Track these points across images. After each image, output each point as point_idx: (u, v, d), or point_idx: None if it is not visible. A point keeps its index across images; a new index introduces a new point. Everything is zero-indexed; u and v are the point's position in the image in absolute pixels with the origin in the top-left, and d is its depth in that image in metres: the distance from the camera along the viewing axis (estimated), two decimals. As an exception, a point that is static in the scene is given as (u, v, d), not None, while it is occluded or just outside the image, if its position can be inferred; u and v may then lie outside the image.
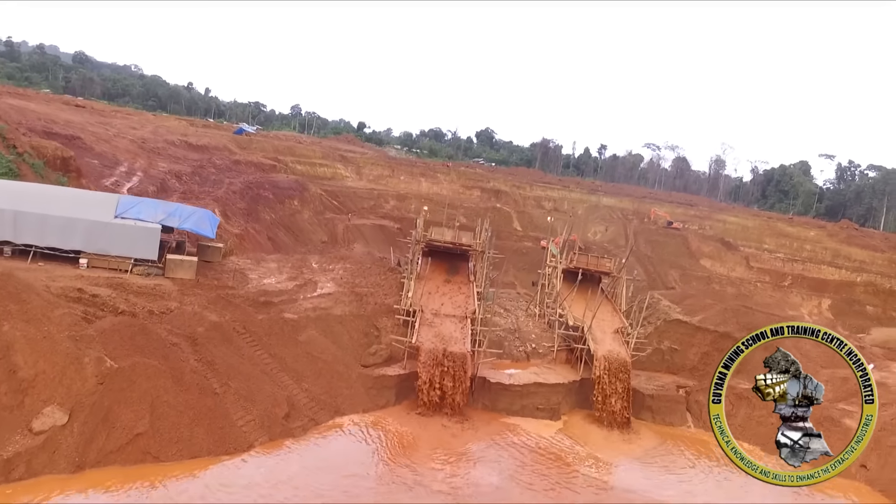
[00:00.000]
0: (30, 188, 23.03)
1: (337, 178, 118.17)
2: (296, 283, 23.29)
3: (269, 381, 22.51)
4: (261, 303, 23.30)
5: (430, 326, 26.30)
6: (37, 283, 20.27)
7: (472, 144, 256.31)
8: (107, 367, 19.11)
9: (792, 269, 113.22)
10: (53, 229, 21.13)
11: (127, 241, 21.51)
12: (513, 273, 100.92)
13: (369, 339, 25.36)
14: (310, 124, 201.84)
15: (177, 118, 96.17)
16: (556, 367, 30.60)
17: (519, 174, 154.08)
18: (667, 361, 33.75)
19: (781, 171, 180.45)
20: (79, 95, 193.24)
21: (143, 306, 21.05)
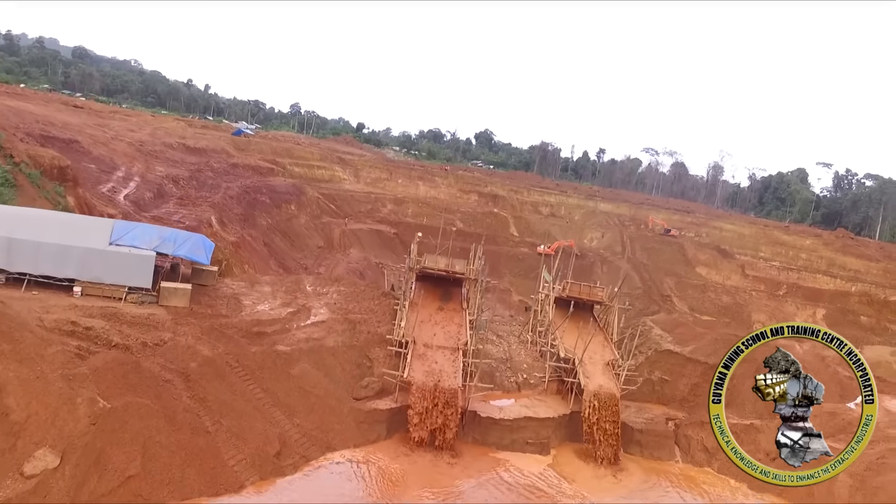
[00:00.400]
0: (23, 213, 22.92)
1: (335, 181, 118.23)
2: (289, 311, 23.34)
3: (261, 417, 22.54)
4: (254, 333, 23.30)
5: (422, 359, 26.27)
6: (30, 315, 20.21)
7: (471, 146, 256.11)
8: (99, 407, 19.12)
9: (787, 278, 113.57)
10: (48, 257, 21.09)
11: (121, 270, 21.52)
12: (508, 279, 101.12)
13: (362, 370, 25.30)
14: (309, 124, 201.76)
15: (175, 119, 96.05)
16: (546, 399, 30.61)
17: (517, 178, 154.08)
18: (657, 392, 33.74)
19: (779, 178, 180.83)
20: (78, 91, 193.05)
21: (137, 338, 21.10)
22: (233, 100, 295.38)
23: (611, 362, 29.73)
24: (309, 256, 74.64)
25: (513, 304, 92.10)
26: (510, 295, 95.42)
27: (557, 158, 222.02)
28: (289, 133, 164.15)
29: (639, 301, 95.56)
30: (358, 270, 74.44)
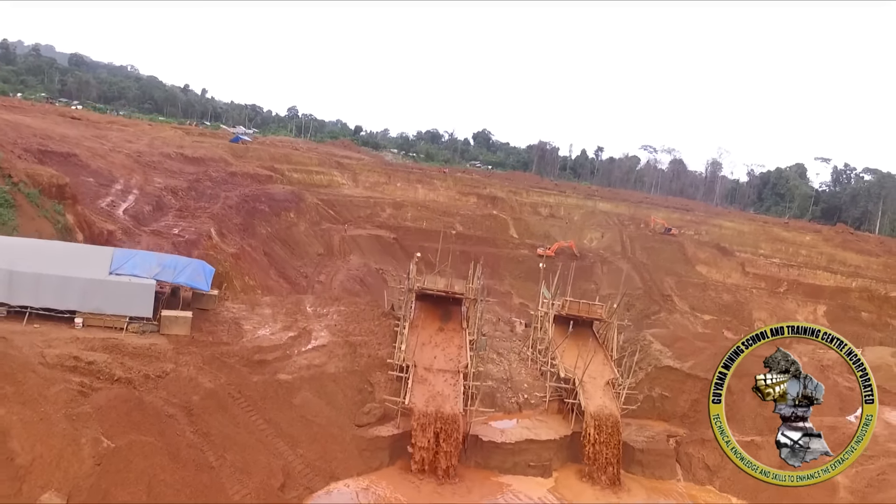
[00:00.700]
0: (23, 244, 22.83)
1: (333, 186, 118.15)
2: (290, 335, 23.33)
3: (265, 449, 22.47)
4: (255, 361, 23.21)
5: (423, 384, 26.21)
6: (32, 351, 20.15)
7: (469, 146, 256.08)
8: (103, 447, 19.11)
9: (787, 275, 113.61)
10: (48, 289, 21.07)
11: (122, 299, 21.52)
12: (509, 281, 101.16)
13: (363, 395, 25.24)
14: (306, 127, 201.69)
15: (172, 127, 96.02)
16: (548, 420, 30.53)
17: (515, 179, 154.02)
18: (657, 409, 33.62)
19: (777, 173, 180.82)
20: (75, 99, 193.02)
21: (139, 371, 21.05)
22: (230, 104, 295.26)
23: (611, 381, 29.65)
24: (309, 264, 74.61)
25: (513, 307, 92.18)
26: (511, 298, 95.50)
27: (556, 157, 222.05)
28: (286, 138, 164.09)
29: (640, 301, 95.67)
30: (358, 277, 74.52)
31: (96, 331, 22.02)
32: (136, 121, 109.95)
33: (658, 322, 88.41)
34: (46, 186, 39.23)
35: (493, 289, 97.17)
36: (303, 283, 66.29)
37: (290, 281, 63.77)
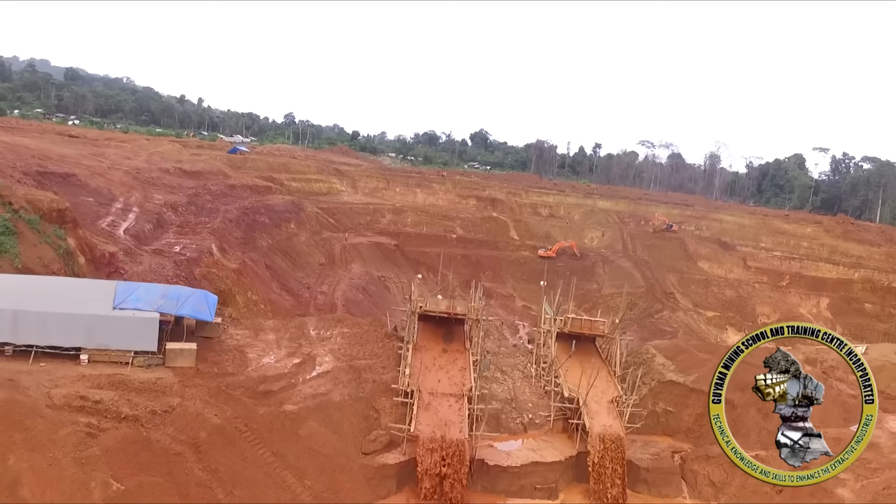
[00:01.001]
0: (25, 282, 22.75)
1: (333, 193, 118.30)
2: (295, 362, 23.31)
3: (273, 483, 22.41)
4: (261, 393, 23.10)
5: (428, 410, 26.08)
6: (39, 392, 20.08)
7: (467, 147, 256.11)
8: (113, 490, 19.11)
9: (790, 268, 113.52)
10: (54, 327, 21.08)
11: (126, 334, 21.53)
12: (511, 284, 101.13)
13: (369, 422, 25.15)
14: (304, 134, 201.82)
15: (170, 140, 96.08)
16: (553, 440, 30.35)
17: (514, 180, 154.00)
18: (662, 424, 33.42)
19: (776, 165, 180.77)
20: (72, 114, 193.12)
21: (146, 407, 20.99)
22: (227, 112, 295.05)
23: (615, 399, 29.49)
24: (311, 275, 74.63)
25: (516, 310, 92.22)
26: (513, 301, 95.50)
27: (554, 156, 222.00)
28: (284, 146, 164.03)
29: (642, 300, 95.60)
30: (361, 286, 74.54)
31: (102, 366, 21.92)
32: (134, 135, 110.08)
33: (661, 321, 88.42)
34: (47, 211, 39.24)
35: (495, 292, 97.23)
36: (305, 294, 66.31)
37: (292, 293, 63.80)
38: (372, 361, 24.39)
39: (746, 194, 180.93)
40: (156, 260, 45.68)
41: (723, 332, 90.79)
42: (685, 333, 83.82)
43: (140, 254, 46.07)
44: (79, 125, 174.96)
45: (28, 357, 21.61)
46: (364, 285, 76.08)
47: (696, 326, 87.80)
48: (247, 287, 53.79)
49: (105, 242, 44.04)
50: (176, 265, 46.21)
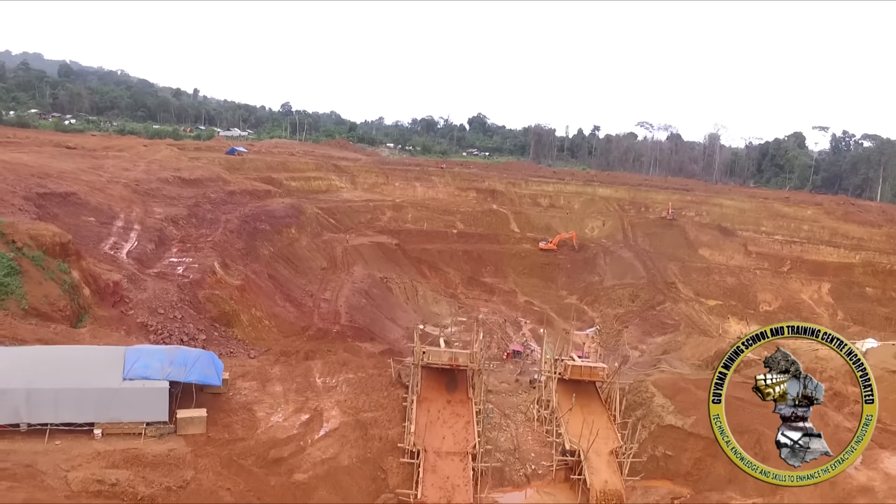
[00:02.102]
0: (34, 355, 22.60)
1: (332, 191, 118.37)
2: (303, 419, 23.47)
3: (285, 558, 22.86)
4: (271, 461, 22.97)
5: (433, 472, 26.08)
6: (56, 477, 19.98)
7: (465, 132, 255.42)
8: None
9: (791, 252, 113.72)
10: (66, 403, 21.09)
11: (137, 406, 21.60)
12: (513, 279, 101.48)
13: (377, 484, 25.21)
14: (301, 125, 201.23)
15: (167, 144, 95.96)
16: (555, 491, 30.16)
17: (513, 169, 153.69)
18: (661, 468, 33.26)
19: (776, 144, 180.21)
20: (67, 112, 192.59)
21: (161, 483, 21.04)
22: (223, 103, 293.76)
23: (615, 451, 29.34)
24: (314, 280, 74.96)
25: (519, 306, 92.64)
26: (516, 296, 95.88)
27: (553, 139, 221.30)
28: (282, 141, 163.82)
29: (644, 291, 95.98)
30: (363, 290, 74.91)
31: (115, 440, 21.92)
32: (131, 139, 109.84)
33: (663, 313, 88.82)
34: (50, 246, 39.51)
35: (497, 288, 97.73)
36: (309, 303, 66.67)
37: (296, 303, 64.16)
38: (378, 414, 24.60)
39: (746, 175, 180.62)
40: (160, 285, 46.00)
41: (724, 321, 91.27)
42: (687, 326, 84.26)
43: (144, 279, 46.37)
44: (75, 124, 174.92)
45: (43, 435, 21.68)
46: (367, 289, 76.44)
47: (698, 318, 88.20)
48: (250, 304, 54.15)
49: (109, 270, 44.29)
50: (180, 289, 46.54)
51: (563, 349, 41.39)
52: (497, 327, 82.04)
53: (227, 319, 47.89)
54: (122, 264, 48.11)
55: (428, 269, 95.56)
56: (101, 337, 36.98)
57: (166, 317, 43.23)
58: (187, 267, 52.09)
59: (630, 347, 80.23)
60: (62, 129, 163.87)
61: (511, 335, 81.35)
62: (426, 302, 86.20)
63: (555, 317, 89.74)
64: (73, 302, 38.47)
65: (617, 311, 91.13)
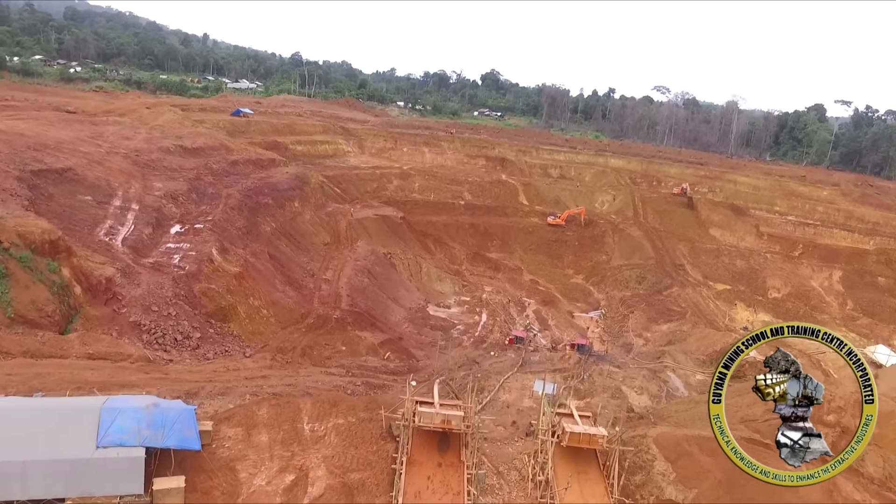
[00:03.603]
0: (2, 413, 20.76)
1: (339, 155, 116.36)
2: (288, 480, 22.26)
3: None
4: (255, 537, 22.19)
5: None
6: None
7: (478, 90, 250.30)
8: None
9: (803, 234, 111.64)
10: (34, 478, 19.33)
11: (111, 478, 19.78)
12: (519, 255, 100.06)
13: None
14: (311, 78, 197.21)
15: (170, 106, 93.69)
16: None
17: (524, 136, 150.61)
18: None
19: (795, 117, 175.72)
20: (73, 59, 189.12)
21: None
22: (232, 50, 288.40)
23: None
24: (316, 258, 73.80)
25: (524, 284, 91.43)
26: (521, 274, 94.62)
27: (566, 101, 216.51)
28: (290, 97, 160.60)
29: (651, 273, 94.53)
30: (366, 269, 73.74)
31: None
32: (134, 99, 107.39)
33: (670, 298, 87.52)
34: (39, 244, 38.26)
35: (502, 264, 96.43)
36: (309, 285, 65.59)
37: (296, 286, 63.08)
38: (365, 475, 23.43)
39: (763, 147, 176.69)
40: (154, 278, 44.85)
41: (731, 307, 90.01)
42: (693, 314, 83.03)
43: (138, 271, 45.19)
44: (80, 72, 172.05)
45: (8, 513, 20.51)
46: (370, 267, 75.26)
47: (705, 305, 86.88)
48: (248, 292, 53.07)
49: (101, 264, 43.08)
50: (175, 283, 45.40)
51: (563, 396, 40.19)
52: (501, 308, 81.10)
53: (223, 314, 46.87)
54: (117, 254, 46.88)
55: (433, 244, 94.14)
56: (90, 343, 36.00)
57: (160, 314, 42.22)
58: (184, 255, 50.85)
59: (634, 335, 79.27)
60: (67, 78, 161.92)
61: (515, 317, 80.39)
62: (430, 279, 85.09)
63: (560, 297, 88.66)
64: (63, 303, 37.44)
65: (623, 294, 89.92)
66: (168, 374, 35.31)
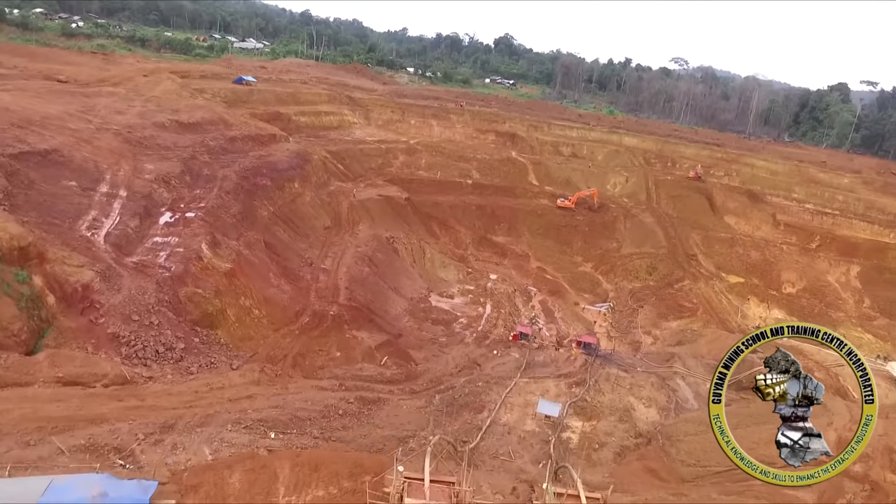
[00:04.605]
0: None
1: (344, 127, 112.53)
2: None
3: None
4: None
5: None
6: None
7: (491, 55, 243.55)
8: None
9: (821, 224, 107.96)
10: None
11: None
12: (527, 239, 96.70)
13: None
14: (319, 39, 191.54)
15: (169, 74, 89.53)
16: None
17: (536, 109, 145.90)
18: None
19: (818, 96, 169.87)
20: (75, 13, 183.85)
21: None
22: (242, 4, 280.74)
23: None
24: (315, 244, 70.92)
25: (531, 272, 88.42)
26: (528, 261, 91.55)
27: (581, 70, 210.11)
28: (296, 61, 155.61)
29: (663, 264, 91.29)
30: (367, 256, 70.97)
31: None
32: (132, 64, 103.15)
33: (681, 293, 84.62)
34: (6, 252, 35.44)
35: (509, 249, 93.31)
36: (306, 276, 62.89)
37: (292, 277, 60.32)
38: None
39: (782, 126, 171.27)
40: (136, 282, 42.04)
41: (744, 302, 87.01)
42: (705, 311, 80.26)
43: (120, 273, 42.34)
44: (83, 27, 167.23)
45: None
46: (371, 254, 72.44)
47: (717, 302, 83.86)
48: (239, 291, 50.31)
49: (79, 267, 40.22)
50: (159, 287, 42.63)
51: (568, 413, 37.41)
52: (506, 299, 78.33)
53: (209, 321, 44.17)
54: (98, 252, 44.00)
55: (438, 227, 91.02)
56: (60, 364, 33.48)
57: (141, 324, 39.57)
58: (171, 251, 47.97)
59: (643, 332, 76.57)
60: (69, 33, 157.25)
61: (520, 308, 77.69)
62: (433, 266, 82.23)
63: (567, 288, 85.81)
64: (33, 318, 34.80)
65: (633, 286, 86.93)
66: (144, 401, 32.84)
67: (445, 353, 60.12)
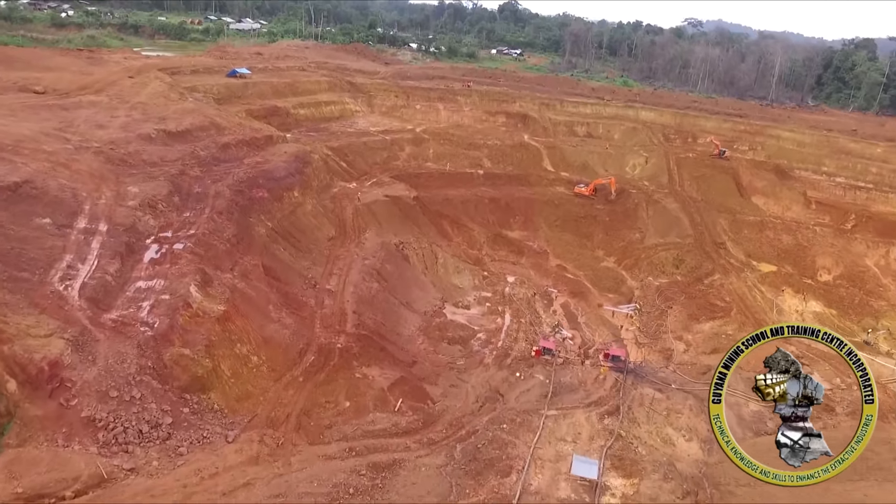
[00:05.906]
0: None
1: (346, 117, 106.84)
2: None
3: None
4: None
5: None
6: None
7: (495, 23, 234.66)
8: None
9: (855, 200, 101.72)
10: None
11: None
12: (544, 234, 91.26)
13: None
14: (317, 15, 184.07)
15: (158, 72, 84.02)
16: None
17: (547, 84, 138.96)
18: None
19: (843, 55, 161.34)
20: (66, 1, 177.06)
21: None
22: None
23: None
24: (318, 260, 66.07)
25: (550, 272, 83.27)
26: (547, 259, 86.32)
27: (590, 37, 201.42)
28: (294, 43, 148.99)
29: (690, 255, 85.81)
30: (374, 270, 66.23)
31: None
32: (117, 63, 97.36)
33: (712, 289, 79.46)
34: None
35: (526, 246, 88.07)
36: (310, 301, 58.17)
37: (294, 307, 55.55)
38: None
39: (805, 89, 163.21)
40: (115, 348, 37.34)
41: (778, 294, 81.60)
42: (739, 311, 75.09)
43: (96, 338, 37.66)
44: (73, 17, 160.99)
45: None
46: (379, 266, 67.63)
47: (751, 298, 78.51)
48: (235, 338, 45.58)
49: (47, 336, 35.57)
50: (141, 352, 37.91)
51: None
52: (525, 305, 73.40)
53: (200, 384, 39.49)
54: (71, 311, 39.30)
55: (450, 226, 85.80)
56: (21, 473, 29.06)
57: (121, 400, 35.00)
58: (155, 301, 43.11)
59: (674, 336, 71.56)
60: (59, 23, 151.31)
61: (541, 314, 72.77)
62: (447, 272, 77.22)
63: (590, 287, 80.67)
64: (-11, 414, 30.17)
65: (660, 282, 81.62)
66: (120, 513, 28.34)
67: (464, 382, 55.62)
